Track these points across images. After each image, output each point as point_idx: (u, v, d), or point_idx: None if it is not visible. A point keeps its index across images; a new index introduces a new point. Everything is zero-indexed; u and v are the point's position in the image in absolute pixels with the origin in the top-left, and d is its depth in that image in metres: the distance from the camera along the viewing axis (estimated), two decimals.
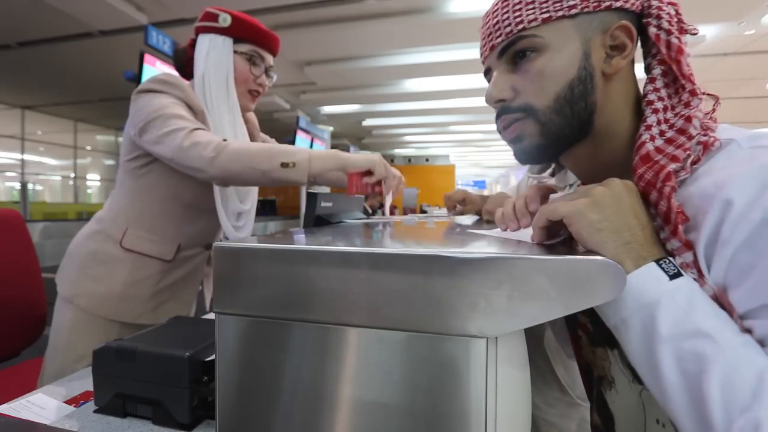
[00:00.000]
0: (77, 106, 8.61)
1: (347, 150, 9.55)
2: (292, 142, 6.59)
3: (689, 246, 0.40)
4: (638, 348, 0.39)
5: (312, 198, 0.69)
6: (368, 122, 9.88)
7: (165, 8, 4.26)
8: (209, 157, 0.87)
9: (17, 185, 11.49)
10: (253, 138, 1.21)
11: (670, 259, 0.40)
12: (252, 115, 1.21)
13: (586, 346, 0.59)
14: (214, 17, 1.02)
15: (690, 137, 0.44)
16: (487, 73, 0.58)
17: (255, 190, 1.19)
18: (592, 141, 0.52)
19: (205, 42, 1.02)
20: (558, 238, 0.47)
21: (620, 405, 0.53)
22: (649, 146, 0.45)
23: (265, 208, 15.87)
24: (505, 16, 0.51)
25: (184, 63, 1.09)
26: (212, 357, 0.70)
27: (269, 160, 0.88)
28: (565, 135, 0.51)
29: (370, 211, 6.42)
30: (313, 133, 7.29)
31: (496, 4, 0.53)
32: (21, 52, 5.42)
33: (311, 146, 7.14)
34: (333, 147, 10.92)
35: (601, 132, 0.51)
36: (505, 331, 0.35)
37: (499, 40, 0.52)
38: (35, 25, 4.66)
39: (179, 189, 1.03)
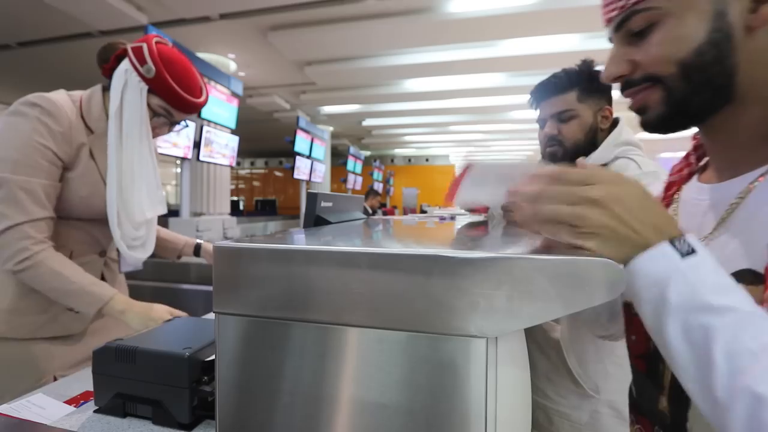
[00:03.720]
0: None
1: (347, 150, 9.55)
2: (293, 142, 6.58)
3: None
4: (650, 318, 0.39)
5: (312, 198, 0.69)
6: (368, 122, 9.88)
7: (165, 8, 4.26)
8: (20, 268, 0.92)
9: None
10: None
11: (685, 237, 0.39)
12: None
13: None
14: (142, 60, 1.01)
15: None
16: (610, 41, 0.53)
17: (154, 219, 1.19)
18: (737, 107, 0.45)
19: (125, 72, 1.02)
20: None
21: None
22: None
23: (265, 208, 15.87)
24: None
25: (104, 66, 1.08)
26: (212, 357, 0.70)
27: (65, 297, 0.96)
28: (694, 104, 0.46)
29: (370, 211, 6.42)
30: (313, 133, 7.28)
31: None
32: (21, 52, 5.41)
33: (311, 146, 7.14)
34: (333, 147, 10.94)
35: (747, 97, 0.44)
36: (505, 331, 0.35)
37: (614, 14, 0.48)
38: (35, 25, 4.66)
39: (65, 208, 1.02)
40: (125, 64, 1.03)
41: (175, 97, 1.05)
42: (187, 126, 1.20)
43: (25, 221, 0.92)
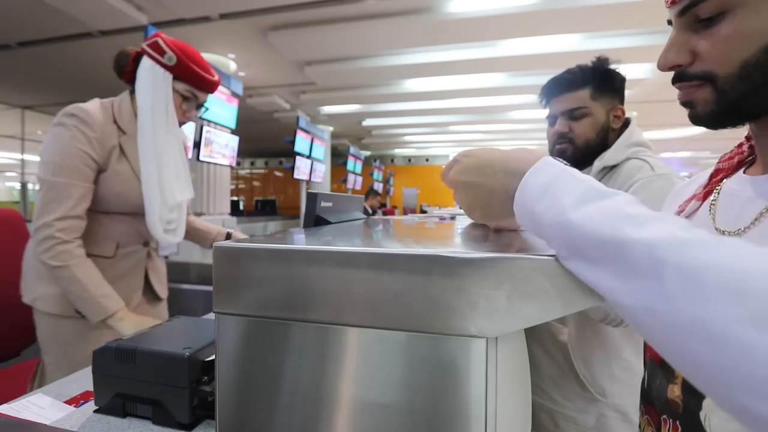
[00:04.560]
0: None
1: (347, 150, 9.55)
2: (293, 142, 6.58)
3: None
4: (553, 231, 0.36)
5: (312, 198, 0.69)
6: (368, 122, 9.87)
7: (165, 8, 4.26)
8: (49, 264, 1.04)
9: (17, 185, 11.48)
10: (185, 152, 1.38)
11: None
12: (182, 131, 1.38)
13: None
14: (161, 51, 1.13)
15: None
16: (669, 24, 0.50)
17: (185, 200, 1.30)
18: None
19: (148, 68, 1.13)
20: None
21: None
22: None
23: (265, 208, 15.87)
24: None
25: (122, 69, 1.19)
26: (212, 357, 0.70)
27: (78, 302, 1.06)
28: (750, 104, 0.44)
29: (370, 211, 6.42)
30: (313, 133, 7.28)
31: None
32: (21, 52, 5.41)
33: (311, 146, 7.14)
34: (333, 147, 10.94)
35: None
36: (505, 331, 0.35)
37: None
38: (35, 25, 4.66)
39: (104, 204, 1.15)
40: (146, 62, 1.14)
41: (197, 78, 1.18)
42: (207, 110, 1.35)
43: (56, 218, 1.03)
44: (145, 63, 1.13)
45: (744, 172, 0.53)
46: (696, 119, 0.49)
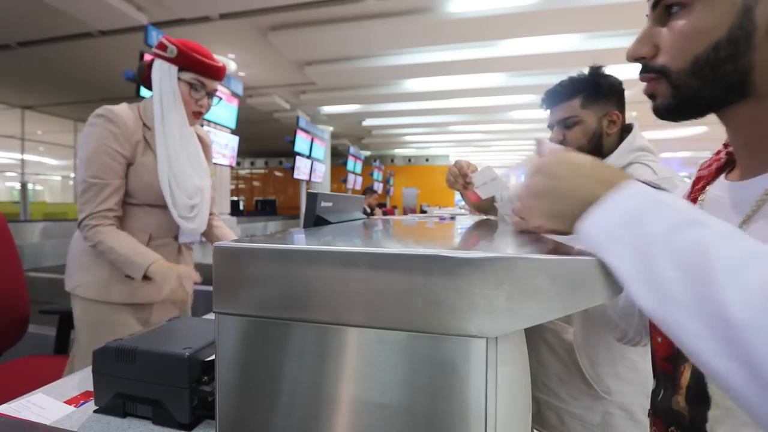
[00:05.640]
0: (77, 106, 8.59)
1: (347, 150, 9.55)
2: (293, 142, 6.58)
3: None
4: (629, 259, 0.34)
5: (312, 198, 0.69)
6: (368, 122, 9.87)
7: (165, 8, 4.26)
8: (91, 245, 1.18)
9: (17, 185, 11.48)
10: (206, 152, 1.48)
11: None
12: (203, 133, 1.51)
13: None
14: (164, 47, 1.25)
15: None
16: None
17: (206, 187, 1.38)
18: (758, 103, 0.45)
19: (157, 66, 1.26)
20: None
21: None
22: None
23: (265, 208, 15.87)
24: None
25: (144, 78, 1.31)
26: (212, 357, 0.70)
27: (121, 266, 1.18)
28: (704, 98, 0.46)
29: (368, 210, 6.42)
30: (313, 133, 7.28)
31: None
32: (21, 52, 5.41)
33: (311, 146, 7.14)
34: (333, 147, 10.94)
35: (766, 96, 0.44)
36: (505, 331, 0.35)
37: None
38: (35, 25, 4.66)
39: (136, 195, 1.26)
40: (156, 62, 1.26)
41: (200, 64, 1.26)
42: (220, 100, 1.44)
43: (93, 212, 1.17)
44: (155, 63, 1.26)
45: (725, 177, 0.54)
46: (657, 112, 0.51)
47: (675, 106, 0.48)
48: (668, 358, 0.56)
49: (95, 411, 0.72)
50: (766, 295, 0.27)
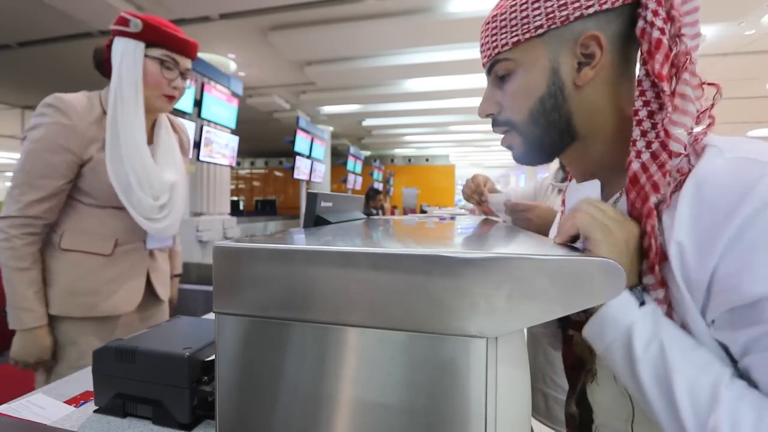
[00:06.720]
0: None
1: (347, 150, 9.55)
2: (293, 143, 6.58)
3: (663, 284, 0.44)
4: (623, 368, 0.43)
5: (312, 198, 0.69)
6: (368, 122, 9.87)
7: (165, 8, 4.26)
8: None
9: None
10: (181, 145, 1.31)
11: (639, 288, 0.45)
12: (177, 122, 1.33)
13: (579, 344, 0.60)
14: (126, 22, 1.07)
15: (670, 154, 0.45)
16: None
17: (178, 183, 1.22)
18: (582, 143, 0.56)
19: (119, 46, 1.08)
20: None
21: (600, 397, 0.55)
22: (635, 165, 0.47)
23: (265, 208, 15.87)
24: (486, 39, 0.57)
25: (101, 62, 1.14)
26: (212, 357, 0.70)
27: (8, 302, 1.03)
28: (547, 142, 0.56)
29: (376, 212, 6.41)
30: (313, 133, 7.28)
31: (485, 25, 0.57)
32: (21, 52, 5.41)
33: (311, 146, 7.14)
34: (333, 147, 10.93)
35: (587, 136, 0.55)
36: (505, 331, 0.35)
37: (484, 60, 0.58)
38: (35, 25, 4.66)
39: (96, 196, 1.11)
40: (117, 41, 1.08)
41: (170, 38, 1.11)
42: (191, 85, 1.26)
43: (15, 215, 1.02)
44: (116, 43, 1.09)
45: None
46: (516, 160, 0.60)
47: (528, 152, 0.58)
48: (572, 366, 0.63)
49: (95, 411, 0.72)
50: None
